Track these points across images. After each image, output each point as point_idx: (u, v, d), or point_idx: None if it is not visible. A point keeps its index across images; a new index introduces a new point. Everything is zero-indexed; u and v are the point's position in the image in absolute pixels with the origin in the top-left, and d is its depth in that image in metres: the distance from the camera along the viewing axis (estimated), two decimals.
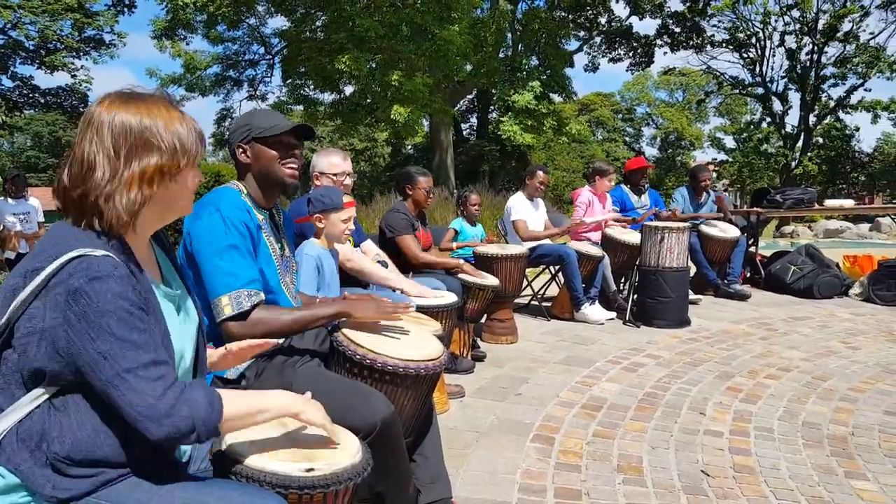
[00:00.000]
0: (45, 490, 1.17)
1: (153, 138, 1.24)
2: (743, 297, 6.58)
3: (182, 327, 1.35)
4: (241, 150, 2.04)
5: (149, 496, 1.20)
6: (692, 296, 6.06)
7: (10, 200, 6.63)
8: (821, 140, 31.28)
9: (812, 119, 30.04)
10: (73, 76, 22.29)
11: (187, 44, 20.54)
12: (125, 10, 22.88)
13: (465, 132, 30.03)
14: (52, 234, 1.25)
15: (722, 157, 37.21)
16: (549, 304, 5.87)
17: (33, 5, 19.91)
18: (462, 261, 4.35)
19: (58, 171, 1.26)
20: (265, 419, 1.31)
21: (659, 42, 26.60)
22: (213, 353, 1.57)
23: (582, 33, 24.64)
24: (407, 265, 4.08)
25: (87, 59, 22.44)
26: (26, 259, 1.20)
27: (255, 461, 1.33)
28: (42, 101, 24.45)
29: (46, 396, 1.19)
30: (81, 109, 25.02)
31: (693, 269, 6.28)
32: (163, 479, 1.23)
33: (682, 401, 3.62)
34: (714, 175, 32.01)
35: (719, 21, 28.02)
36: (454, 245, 5.00)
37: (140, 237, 1.31)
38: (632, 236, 5.82)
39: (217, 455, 1.39)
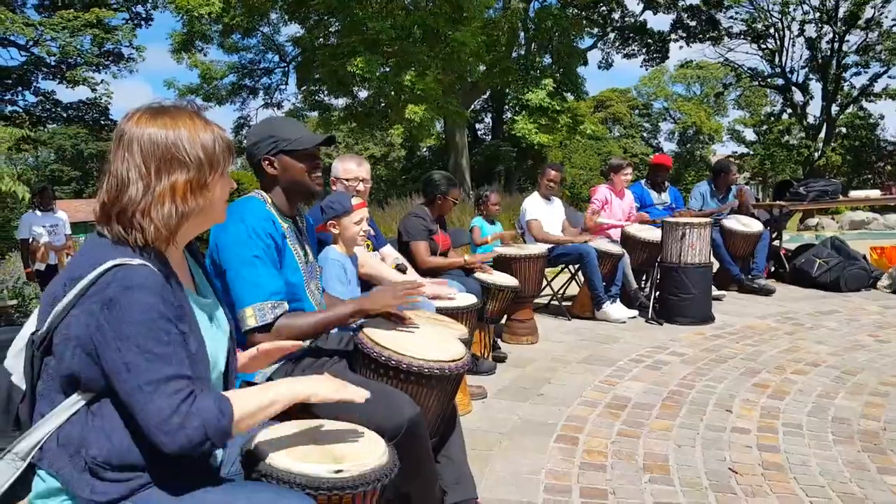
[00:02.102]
0: (83, 494, 1.20)
1: (180, 154, 1.26)
2: (767, 291, 6.48)
3: (214, 335, 1.38)
4: (267, 162, 2.05)
5: (181, 500, 1.23)
6: (715, 292, 5.99)
7: (38, 213, 6.76)
8: (844, 130, 30.72)
9: (834, 109, 29.50)
10: (94, 90, 22.66)
11: (204, 55, 20.81)
12: (142, 23, 23.23)
13: (479, 133, 29.99)
14: (88, 245, 1.28)
15: (742, 149, 36.71)
16: (569, 303, 5.83)
17: (54, 22, 20.28)
18: (466, 258, 4.32)
19: (97, 187, 1.29)
20: (277, 410, 1.32)
21: (674, 36, 26.34)
22: (244, 355, 1.60)
23: (595, 30, 24.49)
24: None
25: (106, 73, 22.84)
26: (66, 269, 1.24)
27: (284, 463, 1.35)
28: (64, 115, 24.89)
29: (84, 402, 1.22)
30: (102, 122, 25.49)
31: (716, 265, 6.21)
32: (195, 483, 1.26)
33: (708, 398, 3.58)
34: (735, 168, 31.59)
35: (736, 12, 27.64)
36: (488, 238, 5.00)
37: (173, 249, 1.34)
38: (651, 233, 5.77)
39: (247, 457, 1.41)
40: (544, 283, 5.32)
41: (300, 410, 1.77)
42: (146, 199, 1.24)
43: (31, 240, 6.60)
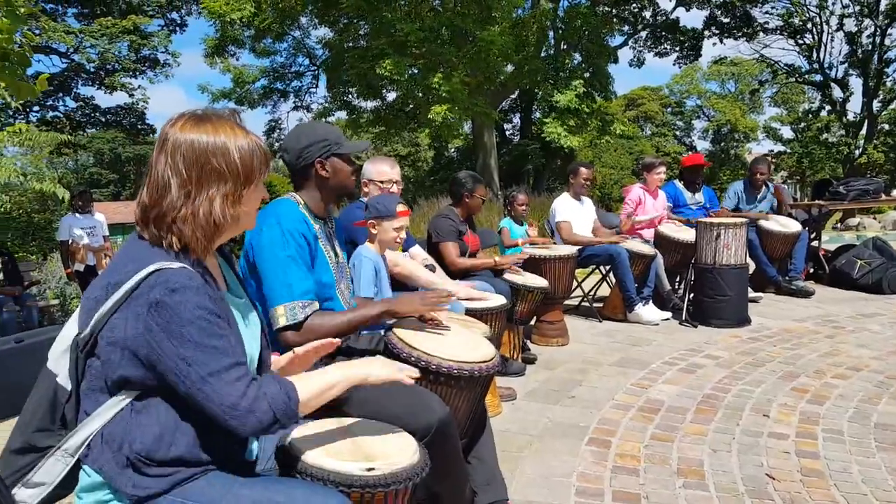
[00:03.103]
0: (126, 488, 1.24)
1: (220, 164, 1.29)
2: (806, 293, 6.32)
3: (248, 333, 1.42)
4: (320, 164, 2.10)
5: (220, 494, 1.26)
6: (752, 293, 5.86)
7: (77, 215, 6.92)
8: (886, 127, 29.79)
9: (876, 105, 28.65)
10: (131, 95, 23.23)
11: (236, 59, 21.15)
12: (177, 29, 23.74)
13: (507, 132, 29.87)
14: (127, 249, 1.32)
15: (779, 147, 35.96)
16: (600, 304, 5.77)
17: (93, 30, 20.84)
18: (497, 259, 4.30)
19: (138, 189, 1.33)
20: (337, 392, 1.40)
21: (707, 33, 25.90)
22: (281, 359, 1.63)
23: (626, 28, 24.22)
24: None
25: (143, 79, 23.38)
26: (105, 273, 1.28)
27: (317, 460, 1.38)
28: (103, 119, 25.57)
29: (128, 400, 1.27)
30: (139, 127, 26.13)
31: (752, 266, 6.08)
32: (233, 479, 1.30)
33: (744, 402, 3.50)
34: (771, 167, 30.93)
35: (772, 7, 27.05)
36: (519, 241, 4.97)
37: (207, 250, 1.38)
38: (685, 234, 5.67)
39: (281, 454, 1.44)
40: (574, 284, 5.27)
41: (332, 409, 1.80)
42: (186, 206, 1.27)
43: (70, 241, 6.77)
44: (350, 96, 20.67)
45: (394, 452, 1.45)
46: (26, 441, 1.32)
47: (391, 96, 19.65)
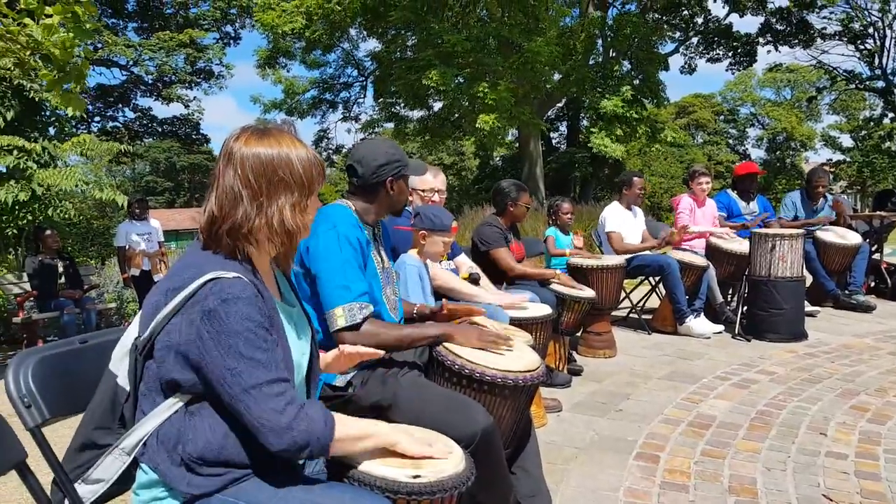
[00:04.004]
0: (180, 487, 1.28)
1: (286, 175, 1.34)
2: (867, 308, 6.07)
3: (298, 340, 1.44)
4: (390, 183, 2.18)
5: (269, 495, 1.29)
6: (809, 307, 5.66)
7: (134, 222, 7.17)
8: None
9: None
10: (187, 106, 24.06)
11: (287, 70, 21.64)
12: (231, 42, 24.47)
13: (554, 141, 29.66)
14: (187, 256, 1.38)
15: (838, 156, 34.74)
16: (649, 316, 5.66)
17: (151, 43, 21.68)
18: (558, 270, 4.27)
19: (205, 203, 1.37)
20: (372, 446, 1.40)
21: (761, 40, 25.23)
22: (327, 355, 1.67)
23: (677, 35, 23.82)
24: (501, 277, 4.06)
25: (198, 90, 24.18)
26: (165, 279, 1.33)
27: (365, 465, 1.39)
28: (159, 129, 26.52)
29: (182, 403, 1.31)
30: (194, 137, 26.99)
31: (809, 279, 5.88)
32: (283, 481, 1.32)
33: (800, 420, 3.38)
34: (830, 177, 29.86)
35: (831, 13, 26.19)
36: (567, 251, 4.92)
37: (263, 259, 1.42)
38: (738, 245, 5.52)
39: (331, 458, 1.45)
40: (622, 295, 5.19)
41: (378, 415, 1.81)
42: (259, 216, 1.32)
43: (127, 247, 7.01)
44: (397, 107, 20.89)
45: (440, 460, 1.45)
46: (87, 438, 1.38)
47: (437, 106, 19.78)
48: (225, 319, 1.23)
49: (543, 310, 3.39)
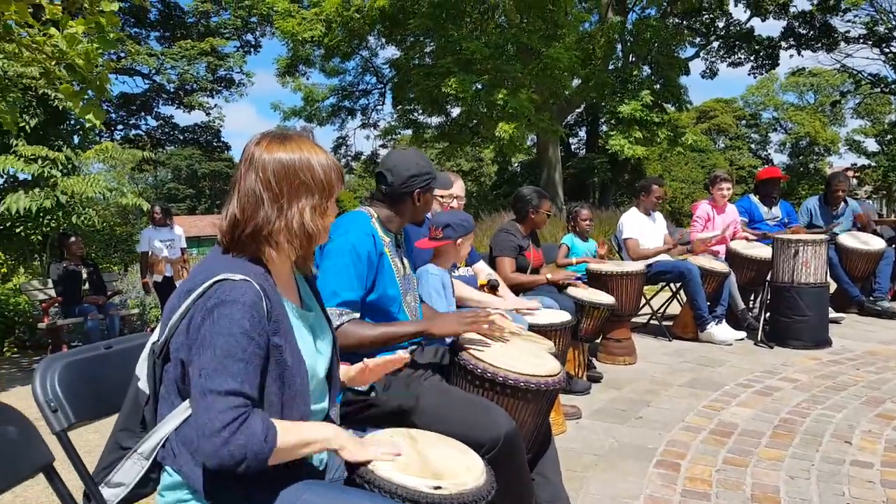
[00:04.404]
0: (202, 488, 1.29)
1: (307, 178, 1.37)
2: (892, 314, 5.97)
3: (316, 346, 1.45)
4: (419, 195, 2.20)
5: (289, 498, 1.29)
6: (833, 314, 5.58)
7: (158, 228, 7.27)
8: None
9: None
10: (208, 114, 24.32)
11: (307, 78, 21.80)
12: (252, 50, 24.73)
13: (573, 146, 29.53)
14: (206, 260, 1.40)
15: (863, 161, 34.16)
16: (670, 323, 5.61)
17: (173, 52, 21.98)
18: (548, 276, 4.23)
19: (226, 207, 1.38)
20: (313, 451, 1.35)
21: (784, 44, 24.95)
22: (351, 369, 1.67)
23: (698, 39, 23.65)
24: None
25: (219, 98, 24.44)
26: (184, 281, 1.35)
27: (386, 472, 1.38)
28: (181, 137, 26.83)
29: None
30: (215, 144, 27.25)
31: (833, 286, 5.79)
32: (304, 485, 1.32)
33: (825, 428, 3.32)
34: (854, 182, 29.35)
35: (855, 16, 25.82)
36: (573, 260, 4.89)
37: (282, 264, 1.43)
38: (760, 251, 5.46)
39: (351, 463, 1.44)
40: (643, 301, 5.14)
41: (399, 421, 1.81)
42: (280, 219, 1.34)
43: (150, 253, 7.10)
44: (415, 113, 20.95)
45: (462, 472, 1.45)
46: (114, 438, 1.41)
47: (455, 112, 19.81)
48: (216, 320, 1.23)
49: (563, 316, 3.37)
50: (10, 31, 4.21)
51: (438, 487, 1.36)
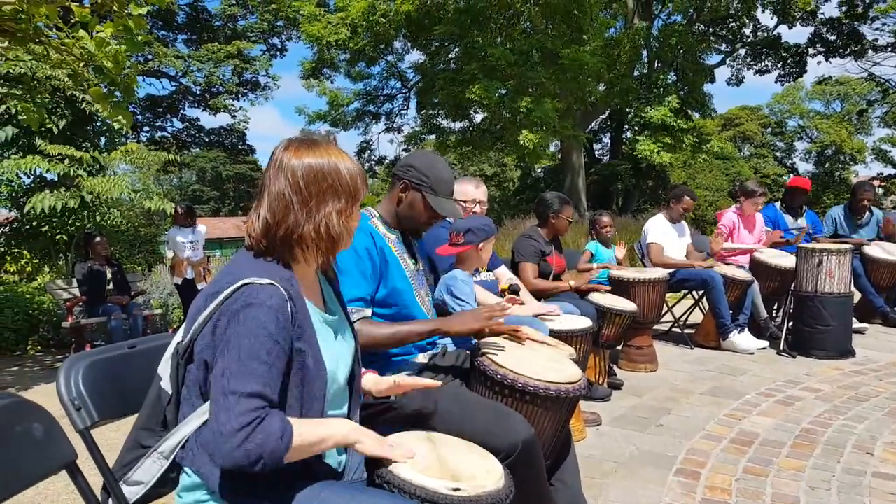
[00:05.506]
0: (221, 490, 1.30)
1: (335, 182, 1.40)
2: None
3: (338, 351, 1.46)
4: (403, 187, 2.14)
5: (307, 498, 1.30)
6: (857, 324, 5.50)
7: (181, 228, 7.35)
8: None
9: None
10: (233, 116, 24.64)
11: (332, 82, 21.96)
12: (278, 53, 25.00)
13: (597, 152, 29.36)
14: (232, 263, 1.42)
15: (889, 171, 33.53)
16: (692, 331, 5.56)
17: (200, 55, 22.29)
18: (571, 283, 4.23)
19: (256, 211, 1.40)
20: (328, 447, 1.35)
21: (811, 51, 24.62)
22: (381, 381, 1.67)
23: (724, 46, 23.43)
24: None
25: (244, 101, 24.72)
26: (210, 284, 1.37)
27: (406, 473, 1.39)
28: (206, 139, 27.18)
29: None
30: (240, 147, 27.55)
31: (858, 296, 5.70)
32: (323, 486, 1.33)
33: (846, 439, 3.28)
34: (880, 191, 28.80)
35: (883, 24, 25.39)
36: (594, 266, 4.87)
37: (308, 268, 1.46)
38: (784, 260, 5.39)
39: (371, 463, 1.46)
40: (665, 309, 5.11)
41: (417, 423, 1.82)
42: (308, 222, 1.37)
43: (173, 254, 7.18)
44: (439, 118, 21.00)
45: (481, 475, 1.45)
46: (134, 437, 1.43)
47: (478, 117, 19.82)
48: (242, 322, 1.24)
49: (584, 322, 3.37)
50: (40, 34, 4.29)
51: (458, 489, 1.37)
